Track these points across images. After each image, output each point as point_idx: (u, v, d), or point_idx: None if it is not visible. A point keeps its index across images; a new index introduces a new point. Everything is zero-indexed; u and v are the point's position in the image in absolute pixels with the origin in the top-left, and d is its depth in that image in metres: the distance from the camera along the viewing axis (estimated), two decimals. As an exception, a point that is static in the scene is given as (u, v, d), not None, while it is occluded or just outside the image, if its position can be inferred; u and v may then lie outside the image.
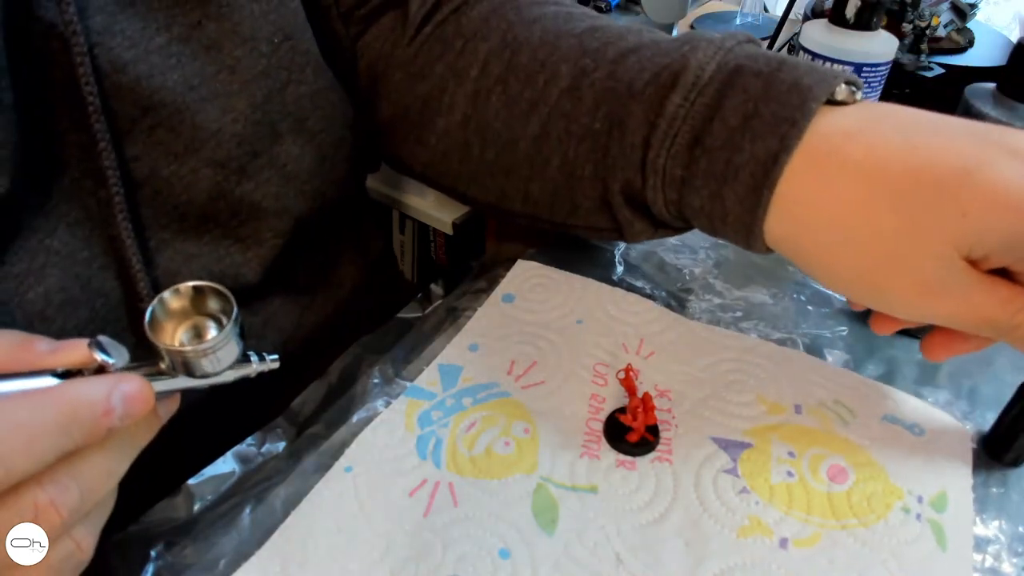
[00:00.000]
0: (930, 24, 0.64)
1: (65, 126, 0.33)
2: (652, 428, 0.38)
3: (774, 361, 0.43)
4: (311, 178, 0.42)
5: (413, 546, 0.34)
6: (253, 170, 0.38)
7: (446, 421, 0.40)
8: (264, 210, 0.40)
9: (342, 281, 0.50)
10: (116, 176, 0.33)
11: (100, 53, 0.32)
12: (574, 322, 0.46)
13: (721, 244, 0.54)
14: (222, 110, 0.36)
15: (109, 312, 0.36)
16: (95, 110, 0.32)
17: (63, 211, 0.34)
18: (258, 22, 0.37)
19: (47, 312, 0.33)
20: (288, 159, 0.40)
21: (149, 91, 0.34)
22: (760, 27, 0.90)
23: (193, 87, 0.35)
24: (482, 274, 0.51)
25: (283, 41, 0.38)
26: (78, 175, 0.33)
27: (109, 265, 0.35)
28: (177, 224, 0.37)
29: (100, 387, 0.24)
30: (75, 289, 0.34)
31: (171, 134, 0.35)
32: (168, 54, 0.34)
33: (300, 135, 0.40)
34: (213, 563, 0.33)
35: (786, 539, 0.34)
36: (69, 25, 0.30)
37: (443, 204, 0.62)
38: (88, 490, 0.24)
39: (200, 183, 0.37)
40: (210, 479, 0.37)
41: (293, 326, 0.45)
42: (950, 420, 0.40)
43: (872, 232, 0.30)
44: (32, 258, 0.33)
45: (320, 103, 0.41)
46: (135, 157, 0.34)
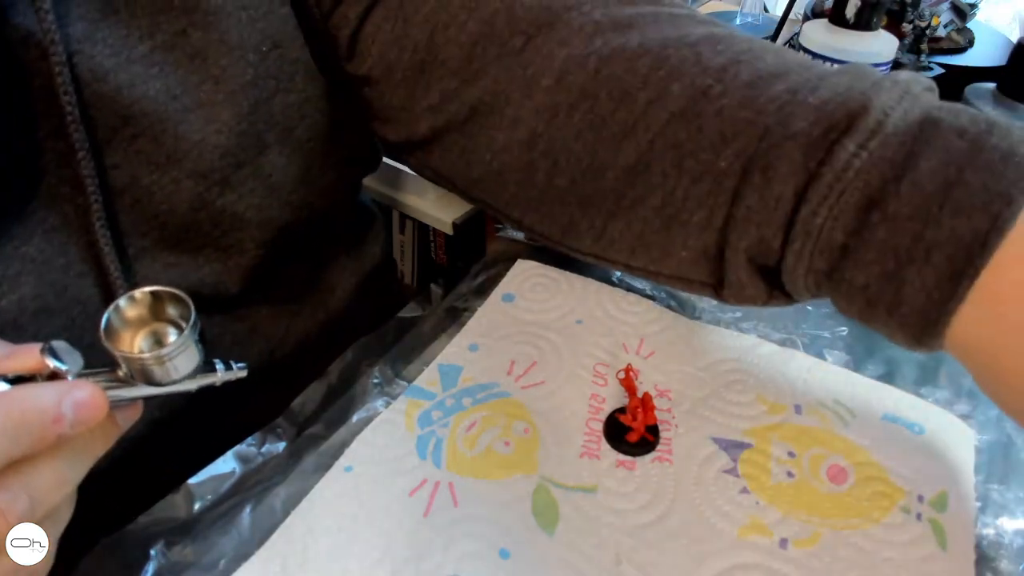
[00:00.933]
0: (930, 24, 0.64)
1: (44, 133, 0.32)
2: (652, 428, 0.38)
3: (774, 361, 0.43)
4: (296, 188, 0.41)
5: (413, 546, 0.34)
6: (236, 181, 0.37)
7: (446, 421, 0.40)
8: (247, 221, 0.39)
9: (333, 288, 0.49)
10: (95, 184, 0.33)
11: (80, 61, 0.31)
12: (574, 322, 0.46)
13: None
14: (205, 120, 0.35)
15: (86, 320, 0.35)
16: (73, 120, 0.31)
17: (40, 217, 0.33)
18: (246, 30, 0.35)
19: (20, 320, 0.33)
20: (273, 169, 0.39)
21: (130, 100, 0.33)
22: (760, 27, 0.90)
23: (175, 96, 0.34)
24: (482, 274, 0.51)
25: (272, 49, 0.37)
26: (56, 182, 0.33)
27: (86, 273, 0.35)
28: (157, 233, 0.37)
29: (50, 393, 0.23)
30: (50, 297, 0.34)
31: (152, 144, 0.34)
32: (151, 63, 0.33)
33: (286, 145, 0.39)
34: (213, 563, 0.33)
35: (786, 539, 0.34)
36: (48, 34, 0.30)
37: (443, 204, 0.62)
38: (39, 498, 0.24)
39: (181, 193, 0.36)
40: (210, 479, 0.37)
41: (281, 333, 0.45)
42: (951, 418, 0.40)
43: None
44: (6, 265, 0.32)
45: (308, 112, 0.40)
46: (115, 165, 0.34)
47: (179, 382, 0.27)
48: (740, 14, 0.92)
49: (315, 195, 0.43)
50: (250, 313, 0.43)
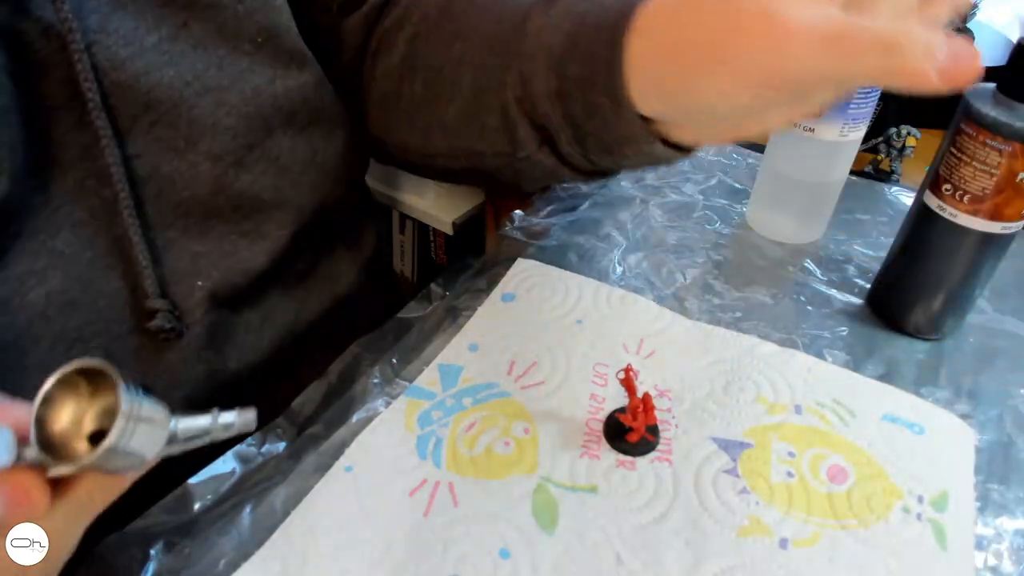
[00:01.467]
0: (930, 24, 0.64)
1: (66, 127, 0.33)
2: (652, 428, 0.38)
3: (774, 361, 0.43)
4: (305, 169, 0.42)
5: (413, 546, 0.34)
6: (249, 162, 0.39)
7: (446, 421, 0.40)
8: (264, 202, 0.40)
9: (337, 276, 0.50)
10: (121, 173, 0.33)
11: (98, 51, 0.32)
12: (574, 322, 0.46)
13: (721, 245, 0.54)
14: (215, 104, 0.37)
15: (113, 313, 0.36)
16: (95, 106, 0.32)
17: (67, 212, 0.34)
18: (242, 22, 0.37)
19: (48, 313, 0.33)
20: (281, 152, 0.40)
21: (147, 87, 0.34)
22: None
23: (188, 82, 0.35)
24: (482, 274, 0.51)
25: (267, 40, 0.39)
26: (81, 175, 0.34)
27: (114, 265, 0.35)
28: (182, 222, 0.37)
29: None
30: (76, 290, 0.34)
31: (170, 129, 0.35)
32: (161, 51, 0.34)
33: (290, 128, 0.41)
34: (213, 563, 0.33)
35: (786, 539, 0.34)
36: (65, 23, 0.31)
37: (443, 204, 0.62)
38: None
39: (200, 177, 0.37)
40: (210, 479, 0.37)
41: (291, 321, 0.46)
42: (951, 418, 0.40)
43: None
44: (34, 259, 0.33)
45: (307, 97, 0.42)
46: (137, 155, 0.35)
47: (157, 454, 0.25)
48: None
49: (323, 178, 0.44)
50: (263, 302, 0.43)
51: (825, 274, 0.51)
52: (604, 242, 0.53)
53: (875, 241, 0.55)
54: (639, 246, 0.53)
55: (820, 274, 0.51)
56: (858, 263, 0.52)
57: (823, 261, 0.53)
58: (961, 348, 0.46)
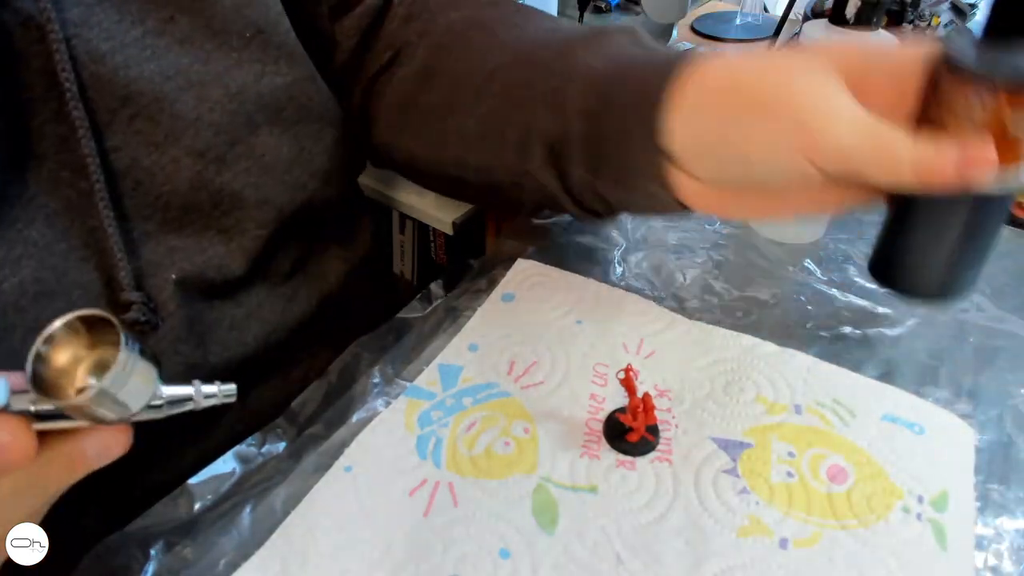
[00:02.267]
0: (930, 24, 0.64)
1: (44, 118, 0.33)
2: (652, 428, 0.38)
3: (774, 361, 0.43)
4: (290, 168, 0.42)
5: (413, 546, 0.34)
6: (232, 159, 0.38)
7: (446, 421, 0.40)
8: (245, 200, 0.40)
9: (326, 274, 0.49)
10: (96, 165, 0.33)
11: (77, 44, 0.32)
12: (574, 322, 0.46)
13: (721, 245, 0.54)
14: (198, 99, 0.36)
15: (87, 304, 0.35)
16: (72, 97, 0.32)
17: (41, 202, 0.33)
18: (231, 17, 0.37)
19: (21, 302, 0.33)
20: (265, 149, 0.40)
21: (127, 81, 0.34)
22: (760, 27, 0.90)
23: (169, 77, 0.35)
24: (482, 274, 0.51)
25: (255, 35, 0.38)
26: (56, 166, 0.33)
27: (88, 257, 0.35)
28: (160, 215, 0.37)
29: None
30: (51, 281, 0.34)
31: (150, 123, 0.35)
32: (143, 46, 0.34)
33: (276, 125, 0.41)
34: (213, 563, 0.33)
35: (786, 539, 0.34)
36: (44, 13, 0.31)
37: (443, 204, 0.62)
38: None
39: (181, 172, 0.37)
40: (210, 479, 0.37)
41: (277, 318, 0.45)
42: (951, 418, 0.40)
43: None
44: (9, 248, 0.33)
45: (295, 94, 0.41)
46: (115, 148, 0.35)
47: (138, 413, 0.25)
48: (740, 14, 0.92)
49: (309, 177, 0.44)
50: (248, 297, 0.43)
51: (825, 274, 0.51)
52: (604, 242, 0.53)
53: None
54: (639, 246, 0.53)
55: (820, 274, 0.51)
56: (858, 263, 0.52)
57: (823, 261, 0.53)
58: (961, 348, 0.46)
